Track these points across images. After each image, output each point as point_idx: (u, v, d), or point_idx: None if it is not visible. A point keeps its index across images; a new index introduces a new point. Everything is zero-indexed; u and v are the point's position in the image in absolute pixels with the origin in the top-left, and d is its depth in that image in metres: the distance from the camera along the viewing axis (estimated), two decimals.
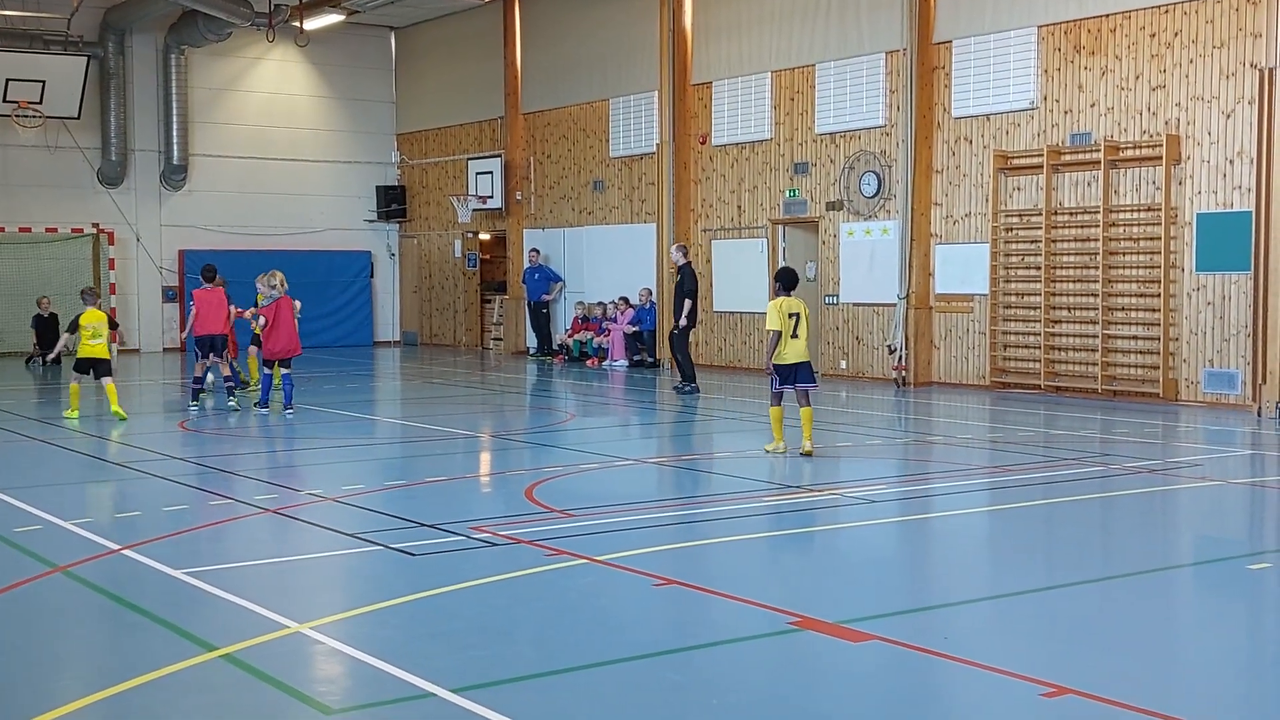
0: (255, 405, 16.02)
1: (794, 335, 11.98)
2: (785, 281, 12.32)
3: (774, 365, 12.00)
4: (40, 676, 5.66)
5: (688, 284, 18.74)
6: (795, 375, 12.03)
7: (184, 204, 28.35)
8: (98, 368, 15.19)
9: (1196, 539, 9.23)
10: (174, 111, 27.65)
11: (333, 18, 25.90)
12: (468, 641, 6.13)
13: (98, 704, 5.24)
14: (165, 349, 27.77)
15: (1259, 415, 15.25)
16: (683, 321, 18.55)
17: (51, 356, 19.57)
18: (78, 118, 26.53)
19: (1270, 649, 6.42)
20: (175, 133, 27.73)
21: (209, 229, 28.39)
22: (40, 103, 25.85)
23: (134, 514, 9.21)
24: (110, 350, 15.46)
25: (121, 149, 27.32)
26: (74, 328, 15.78)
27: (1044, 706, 5.23)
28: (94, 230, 27.25)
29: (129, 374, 20.69)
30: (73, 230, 27.07)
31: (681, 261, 18.85)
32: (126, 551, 7.96)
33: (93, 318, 15.24)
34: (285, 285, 15.68)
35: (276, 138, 29.36)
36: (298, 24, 25.02)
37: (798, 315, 12.00)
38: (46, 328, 24.50)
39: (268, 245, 28.56)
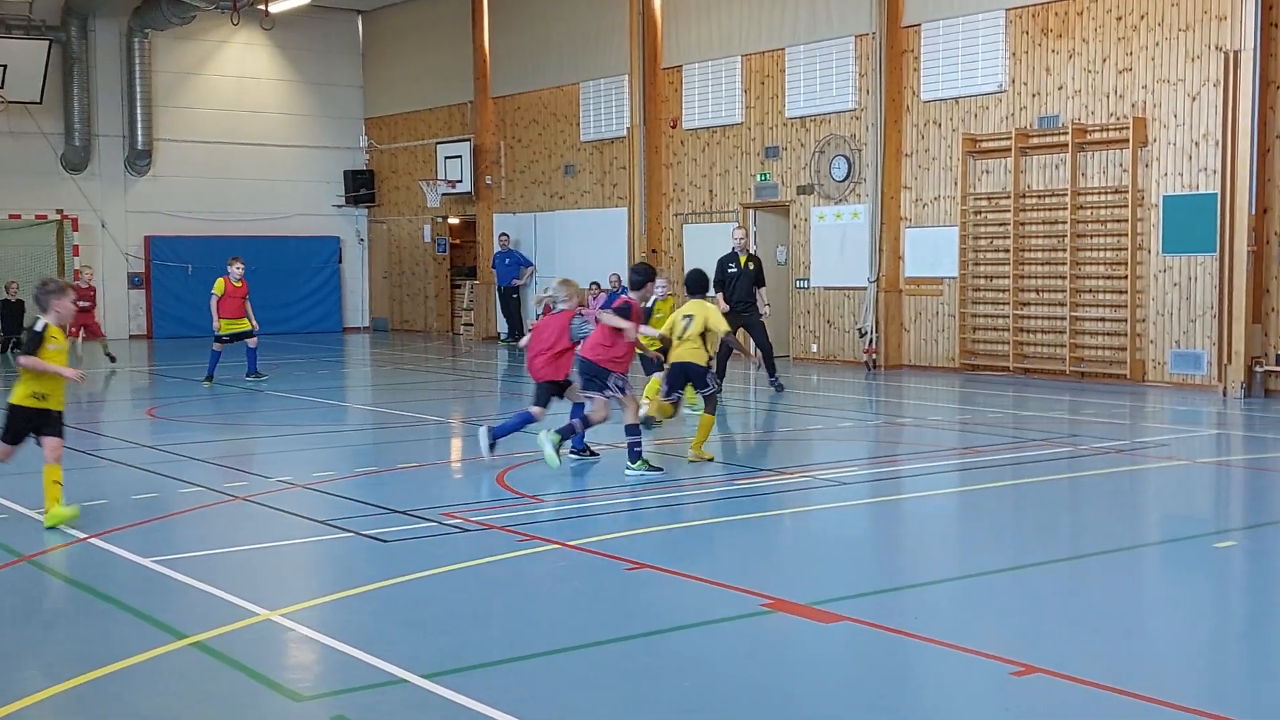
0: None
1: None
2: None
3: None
4: (7, 667, 5.61)
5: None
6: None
7: (149, 190, 28.09)
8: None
9: (1164, 518, 9.31)
10: (138, 96, 27.37)
11: (298, 0, 25.70)
12: (440, 627, 6.13)
13: (66, 693, 5.20)
14: (132, 336, 27.54)
15: (1224, 395, 15.39)
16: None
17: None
18: (40, 102, 26.24)
19: (1236, 626, 6.48)
20: (140, 117, 27.45)
21: (175, 215, 28.13)
22: (2, 87, 25.56)
23: (101, 502, 9.13)
24: None
25: (85, 134, 27.04)
26: None
27: (1013, 685, 5.26)
28: (58, 216, 26.98)
29: (94, 362, 20.51)
30: (37, 216, 26.79)
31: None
32: (94, 540, 7.90)
33: None
34: None
35: (242, 122, 29.09)
36: (263, 7, 24.81)
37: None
38: (13, 313, 24.24)
39: (235, 231, 28.31)
